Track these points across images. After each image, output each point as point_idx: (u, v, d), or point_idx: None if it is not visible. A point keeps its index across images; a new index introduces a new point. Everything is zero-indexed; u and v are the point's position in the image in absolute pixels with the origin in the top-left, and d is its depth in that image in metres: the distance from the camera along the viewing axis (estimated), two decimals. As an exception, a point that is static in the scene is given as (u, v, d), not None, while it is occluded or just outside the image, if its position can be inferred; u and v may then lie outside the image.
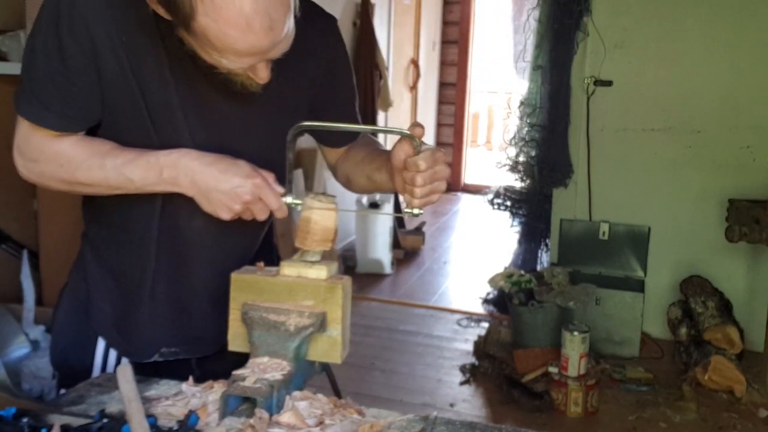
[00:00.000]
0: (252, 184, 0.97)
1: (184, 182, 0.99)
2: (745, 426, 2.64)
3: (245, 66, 0.93)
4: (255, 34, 0.87)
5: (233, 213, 0.99)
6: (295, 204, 1.02)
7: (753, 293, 3.26)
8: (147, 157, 1.00)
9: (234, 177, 0.97)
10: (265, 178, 0.99)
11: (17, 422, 0.87)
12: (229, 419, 0.90)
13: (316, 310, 0.98)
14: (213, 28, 0.87)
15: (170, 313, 1.16)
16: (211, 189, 0.98)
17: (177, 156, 0.99)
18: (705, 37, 3.22)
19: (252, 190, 0.98)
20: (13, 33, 2.54)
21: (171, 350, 1.17)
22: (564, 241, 3.39)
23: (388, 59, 5.01)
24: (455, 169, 6.75)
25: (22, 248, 2.62)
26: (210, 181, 0.98)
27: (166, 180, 0.99)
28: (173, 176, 0.99)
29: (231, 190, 0.97)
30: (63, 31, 0.96)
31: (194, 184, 0.99)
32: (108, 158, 1.00)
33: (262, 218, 1.01)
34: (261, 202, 0.99)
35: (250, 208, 0.99)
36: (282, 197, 1.01)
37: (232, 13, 0.85)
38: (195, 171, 0.98)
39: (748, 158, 3.23)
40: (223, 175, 0.98)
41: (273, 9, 0.87)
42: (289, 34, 0.92)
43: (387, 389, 2.92)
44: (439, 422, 0.92)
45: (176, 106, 1.03)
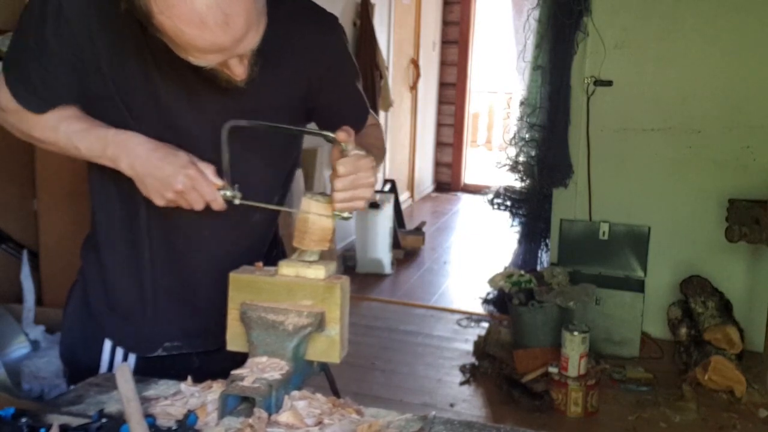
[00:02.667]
0: (184, 174, 1.00)
1: (124, 163, 1.02)
2: (745, 426, 2.64)
3: (212, 63, 0.93)
4: (210, 31, 0.87)
5: (166, 200, 1.02)
6: (232, 197, 1.03)
7: (753, 293, 3.26)
8: (98, 131, 1.04)
9: (168, 166, 1.00)
10: (200, 170, 1.01)
11: (16, 422, 0.87)
12: (227, 419, 0.91)
13: (315, 309, 0.98)
14: (169, 26, 0.88)
15: (173, 308, 1.17)
16: (147, 174, 1.01)
17: (125, 137, 1.03)
18: (705, 37, 3.22)
19: (184, 180, 1.00)
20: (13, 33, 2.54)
21: (174, 344, 1.18)
22: (564, 241, 3.39)
23: (388, 59, 5.01)
24: (455, 169, 6.75)
25: (22, 248, 2.62)
26: (147, 167, 1.01)
27: (108, 156, 1.03)
28: (116, 154, 1.03)
29: (164, 177, 1.00)
30: (48, 28, 1.02)
31: (132, 167, 1.02)
32: (63, 122, 1.05)
33: (198, 208, 1.02)
34: (195, 192, 1.01)
35: (184, 197, 1.01)
36: (220, 190, 1.02)
37: (184, 10, 0.85)
38: (136, 154, 1.02)
39: (748, 158, 3.23)
40: (159, 163, 1.01)
41: (227, 5, 0.86)
42: (256, 30, 0.92)
43: (387, 389, 2.92)
44: (437, 422, 0.92)
45: (162, 103, 1.05)
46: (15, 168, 2.71)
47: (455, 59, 6.56)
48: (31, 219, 2.71)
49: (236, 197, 1.03)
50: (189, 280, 1.16)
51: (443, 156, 6.76)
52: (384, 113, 4.83)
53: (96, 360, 1.18)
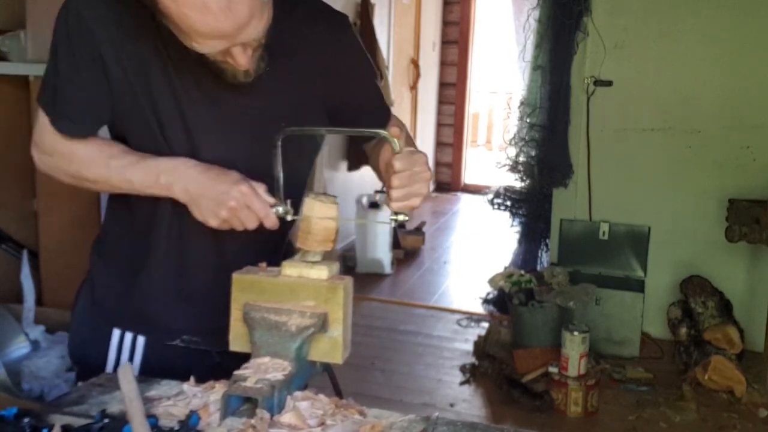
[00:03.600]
0: (238, 190, 1.00)
1: (178, 188, 1.03)
2: (745, 426, 2.64)
3: (215, 50, 0.94)
4: (213, 15, 0.88)
5: (220, 219, 1.02)
6: (285, 213, 1.03)
7: (753, 293, 3.26)
8: (148, 162, 1.05)
9: (221, 184, 1.01)
10: (252, 187, 1.02)
11: (18, 422, 0.87)
12: (230, 419, 0.90)
13: (318, 310, 0.98)
14: (173, 9, 0.89)
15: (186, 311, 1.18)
16: (201, 195, 1.02)
17: (175, 164, 1.04)
18: (705, 37, 3.22)
19: (237, 197, 1.00)
20: (13, 33, 2.54)
21: (193, 339, 1.19)
22: (564, 241, 3.39)
23: (388, 59, 5.01)
24: (455, 169, 6.75)
25: (22, 248, 2.62)
26: (200, 188, 1.02)
27: (162, 185, 1.04)
28: (169, 182, 1.03)
29: (218, 195, 1.01)
30: (74, 43, 1.03)
31: (186, 191, 1.03)
32: (113, 159, 1.06)
33: (251, 227, 1.03)
34: (248, 210, 1.01)
35: (237, 216, 1.01)
36: (272, 207, 1.02)
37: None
38: (189, 178, 1.03)
39: (748, 158, 3.23)
40: (212, 182, 1.01)
41: None
42: (259, 18, 0.93)
43: (387, 389, 2.92)
44: (440, 422, 0.92)
45: (182, 104, 1.07)
46: (15, 168, 2.71)
47: (455, 59, 6.56)
48: (31, 219, 2.71)
49: (288, 213, 1.03)
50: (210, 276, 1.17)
51: (443, 156, 6.76)
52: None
53: (104, 353, 1.19)
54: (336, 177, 4.40)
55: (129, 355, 1.19)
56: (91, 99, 1.06)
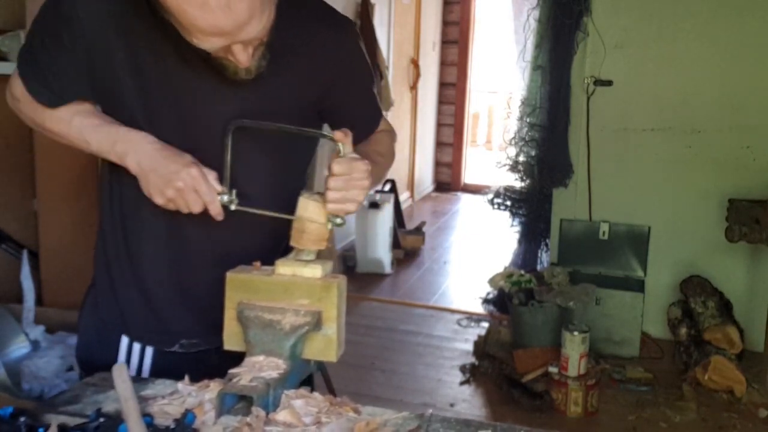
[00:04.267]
0: (187, 173, 1.01)
1: (131, 159, 1.04)
2: (745, 426, 2.64)
3: (215, 46, 0.95)
4: (212, 12, 0.89)
5: (166, 198, 1.03)
6: (229, 203, 1.03)
7: (753, 293, 3.25)
8: (109, 127, 1.07)
9: (173, 164, 1.02)
10: (202, 172, 1.02)
11: (14, 422, 0.87)
12: (225, 418, 0.91)
13: (312, 308, 0.98)
14: (174, 5, 0.90)
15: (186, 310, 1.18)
16: (151, 170, 1.03)
17: (134, 135, 1.06)
18: (705, 37, 3.22)
19: (186, 179, 1.01)
20: (13, 33, 2.54)
21: (192, 341, 1.20)
22: (564, 241, 3.39)
23: (388, 59, 5.01)
24: (455, 169, 6.75)
25: (22, 248, 2.62)
26: (152, 163, 1.03)
27: (117, 151, 1.05)
28: (124, 150, 1.05)
29: (167, 174, 1.02)
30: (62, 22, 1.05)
31: (138, 164, 1.04)
32: (77, 116, 1.08)
33: (196, 210, 1.03)
34: (194, 193, 1.02)
35: (183, 197, 1.02)
36: (219, 195, 1.03)
37: None
38: (144, 151, 1.04)
39: (748, 158, 3.23)
40: (164, 160, 1.03)
41: None
42: (260, 18, 0.93)
43: (387, 389, 2.92)
44: (434, 420, 0.92)
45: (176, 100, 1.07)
46: (15, 168, 2.71)
47: (455, 59, 6.56)
48: (31, 219, 2.72)
49: (233, 203, 1.04)
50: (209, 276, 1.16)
51: (443, 156, 6.75)
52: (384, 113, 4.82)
53: (113, 360, 1.19)
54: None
55: (138, 361, 1.19)
56: (66, 76, 1.07)
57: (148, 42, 1.04)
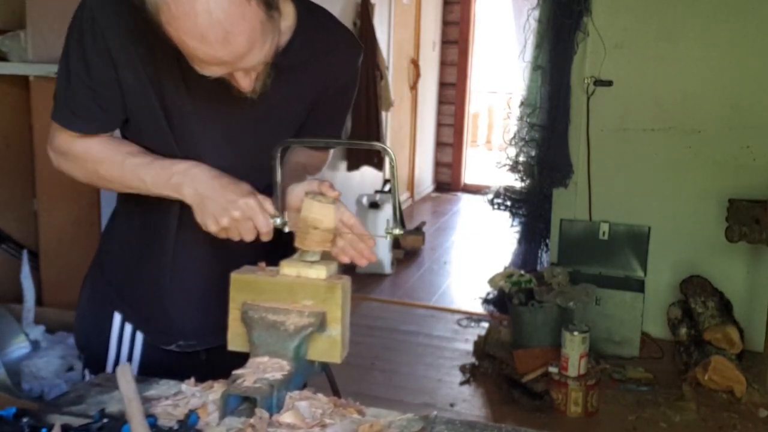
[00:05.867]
0: (244, 202, 1.01)
1: (188, 190, 1.04)
2: (745, 426, 2.64)
3: (216, 74, 0.96)
4: (210, 46, 0.90)
5: (219, 226, 1.02)
6: (282, 225, 1.04)
7: (753, 293, 3.26)
8: (162, 162, 1.07)
9: (230, 193, 1.02)
10: (260, 202, 1.03)
11: (17, 422, 0.87)
12: (229, 419, 0.91)
13: (316, 309, 0.98)
14: (174, 36, 0.91)
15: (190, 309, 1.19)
16: (207, 198, 1.03)
17: (188, 166, 1.06)
18: (705, 37, 3.22)
19: (243, 208, 1.01)
20: (13, 33, 2.54)
21: (189, 343, 1.21)
22: (564, 241, 3.39)
23: (388, 59, 5.01)
24: (455, 169, 6.75)
25: (22, 248, 2.62)
26: (209, 191, 1.03)
27: (173, 185, 1.05)
28: (179, 182, 1.04)
29: (224, 203, 1.02)
30: (86, 45, 1.04)
31: (195, 193, 1.04)
32: (128, 158, 1.08)
33: (248, 239, 1.03)
34: (250, 222, 1.02)
35: (238, 227, 1.02)
36: (272, 218, 1.03)
37: (187, 23, 0.88)
38: (200, 181, 1.04)
39: (748, 158, 3.23)
40: (222, 189, 1.03)
41: (229, 23, 0.88)
42: (260, 47, 0.94)
43: (387, 389, 2.91)
44: (439, 421, 0.92)
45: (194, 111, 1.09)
46: (15, 168, 2.71)
47: (455, 59, 6.55)
48: (31, 219, 2.71)
49: (286, 225, 1.04)
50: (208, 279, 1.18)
51: (443, 156, 6.75)
52: (384, 113, 4.83)
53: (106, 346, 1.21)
54: (336, 177, 4.40)
55: (129, 347, 1.21)
56: (103, 99, 1.07)
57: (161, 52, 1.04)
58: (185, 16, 0.87)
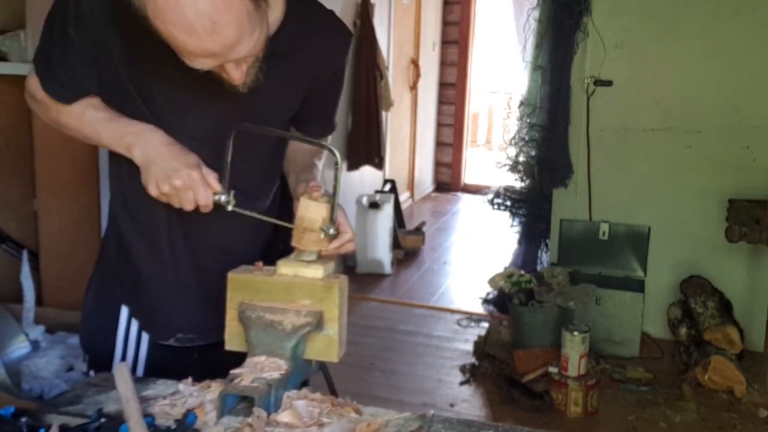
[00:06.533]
0: (187, 173, 1.03)
1: (137, 150, 1.07)
2: (745, 426, 2.64)
3: (207, 67, 0.96)
4: (198, 37, 0.90)
5: (160, 192, 1.05)
6: (226, 203, 1.05)
7: (753, 293, 3.25)
8: (120, 121, 1.10)
9: (176, 161, 1.04)
10: (203, 176, 1.05)
11: (16, 422, 0.87)
12: (226, 418, 0.91)
13: (313, 309, 0.98)
14: (162, 30, 0.91)
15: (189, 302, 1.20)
16: (153, 162, 1.05)
17: (143, 128, 1.08)
18: (705, 37, 3.22)
19: (185, 178, 1.03)
20: (13, 33, 2.54)
21: (187, 336, 1.21)
22: (564, 241, 3.39)
23: (388, 59, 5.01)
24: (455, 169, 6.75)
25: (22, 248, 2.62)
26: (156, 156, 1.05)
27: (125, 143, 1.08)
28: (131, 142, 1.07)
29: (168, 170, 1.04)
30: (69, 20, 1.06)
31: (143, 154, 1.06)
32: (89, 110, 1.11)
33: (188, 209, 1.05)
34: (190, 193, 1.04)
35: (178, 195, 1.04)
36: (215, 194, 1.05)
37: (174, 16, 0.88)
38: (151, 144, 1.06)
39: (748, 158, 3.23)
40: (169, 156, 1.05)
41: (216, 13, 0.89)
42: (249, 38, 0.94)
43: (387, 389, 2.91)
44: (436, 420, 0.92)
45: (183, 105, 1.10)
46: (15, 168, 2.71)
47: (455, 59, 6.55)
48: (31, 219, 2.72)
49: (229, 203, 1.06)
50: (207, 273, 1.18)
51: (443, 156, 6.75)
52: (384, 113, 4.83)
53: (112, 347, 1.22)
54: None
55: (135, 346, 1.22)
56: (76, 72, 1.10)
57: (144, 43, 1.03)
58: (171, 9, 0.88)
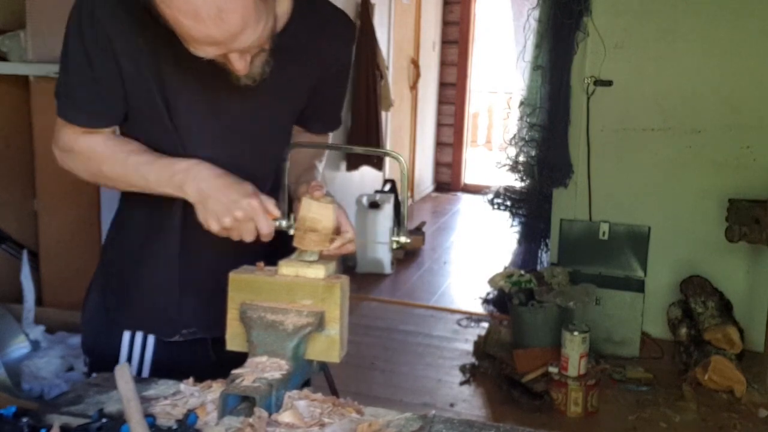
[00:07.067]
0: (248, 203, 1.02)
1: (190, 188, 1.04)
2: (745, 426, 2.64)
3: (210, 55, 0.96)
4: (204, 23, 0.90)
5: (221, 226, 1.03)
6: (287, 228, 1.04)
7: (753, 293, 3.26)
8: (165, 161, 1.07)
9: (233, 193, 1.02)
10: (262, 203, 1.03)
11: (17, 422, 0.87)
12: (227, 418, 0.91)
13: (315, 309, 0.98)
14: (168, 14, 0.91)
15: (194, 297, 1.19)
16: (210, 197, 1.03)
17: (191, 164, 1.05)
18: (705, 37, 3.22)
19: (246, 209, 1.01)
20: (13, 33, 2.54)
21: (191, 331, 1.21)
22: (564, 241, 3.39)
23: (388, 59, 5.01)
24: (455, 169, 6.75)
25: (22, 248, 2.62)
26: (211, 190, 1.03)
27: (175, 183, 1.05)
28: (182, 181, 1.04)
29: (227, 202, 1.02)
30: (86, 37, 1.04)
31: (198, 191, 1.04)
32: (131, 156, 1.08)
33: (248, 240, 1.04)
34: (251, 223, 1.02)
35: (239, 227, 1.02)
36: (275, 220, 1.04)
37: (180, 1, 0.88)
38: (203, 179, 1.04)
39: (748, 158, 3.23)
40: (225, 188, 1.03)
41: (222, 0, 0.89)
42: (254, 27, 0.93)
43: (387, 389, 2.92)
44: (437, 420, 0.92)
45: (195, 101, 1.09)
46: (15, 168, 2.71)
47: (455, 59, 6.56)
48: (31, 219, 2.71)
49: (291, 227, 1.04)
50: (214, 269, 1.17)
51: (443, 156, 6.75)
52: (384, 113, 4.83)
53: (116, 348, 1.21)
54: (336, 177, 4.40)
55: (140, 351, 1.21)
56: (105, 92, 1.07)
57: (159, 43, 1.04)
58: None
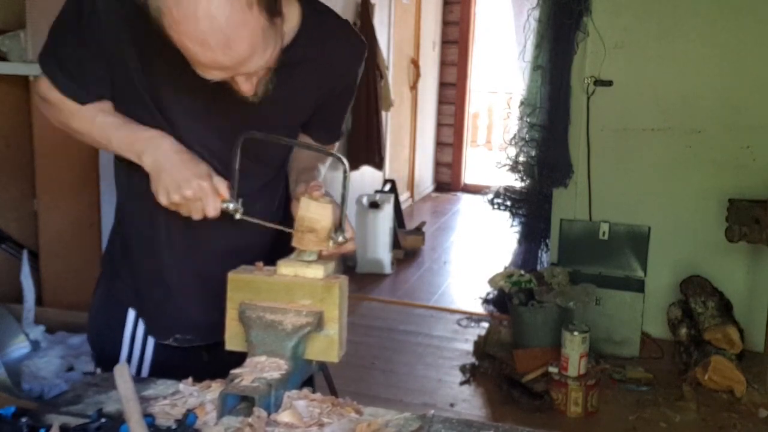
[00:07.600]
0: (198, 183, 1.03)
1: (148, 157, 1.06)
2: (745, 426, 2.64)
3: (218, 78, 0.97)
4: (212, 51, 0.90)
5: (169, 201, 1.04)
6: (234, 211, 1.06)
7: (753, 293, 3.25)
8: (131, 126, 1.09)
9: (187, 170, 1.04)
10: (213, 186, 1.04)
11: (16, 422, 0.87)
12: (227, 418, 0.91)
13: (314, 309, 0.98)
14: (177, 40, 0.91)
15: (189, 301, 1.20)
16: (164, 171, 1.04)
17: (154, 134, 1.07)
18: (705, 37, 3.22)
19: (196, 189, 1.03)
20: (13, 33, 2.54)
21: (186, 337, 1.22)
22: (564, 241, 3.39)
23: (388, 59, 5.01)
24: (455, 169, 6.75)
25: (22, 248, 2.62)
26: (167, 164, 1.04)
27: (135, 150, 1.07)
28: (141, 149, 1.06)
29: (179, 179, 1.03)
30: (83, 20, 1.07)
31: (154, 162, 1.05)
32: (100, 115, 1.10)
33: (196, 218, 1.05)
34: (199, 203, 1.04)
35: (187, 204, 1.04)
36: (223, 202, 1.05)
37: (189, 28, 0.89)
38: (161, 151, 1.05)
39: (748, 158, 3.23)
40: (180, 164, 1.04)
41: (230, 29, 0.89)
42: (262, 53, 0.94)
43: (387, 389, 2.92)
44: (436, 420, 0.92)
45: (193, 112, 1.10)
46: (15, 168, 2.71)
47: (455, 59, 6.56)
48: (31, 219, 2.71)
49: (237, 211, 1.06)
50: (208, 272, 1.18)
51: (443, 156, 6.75)
52: (384, 113, 4.83)
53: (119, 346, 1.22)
54: (336, 177, 4.39)
55: (141, 346, 1.22)
56: (90, 71, 1.09)
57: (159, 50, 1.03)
58: (186, 21, 0.88)
